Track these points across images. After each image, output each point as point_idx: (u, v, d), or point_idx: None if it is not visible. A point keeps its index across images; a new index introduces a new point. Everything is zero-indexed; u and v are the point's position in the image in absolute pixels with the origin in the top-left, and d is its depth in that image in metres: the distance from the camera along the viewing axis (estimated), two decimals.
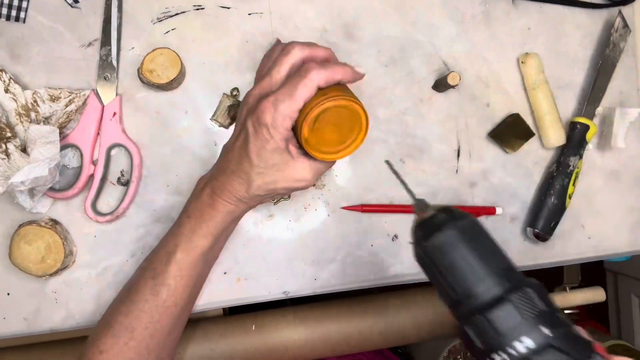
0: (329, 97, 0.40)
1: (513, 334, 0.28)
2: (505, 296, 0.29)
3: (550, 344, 0.28)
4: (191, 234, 0.45)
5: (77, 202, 0.52)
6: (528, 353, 0.28)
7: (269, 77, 0.42)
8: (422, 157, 0.57)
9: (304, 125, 0.41)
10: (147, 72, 0.50)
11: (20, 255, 0.49)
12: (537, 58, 0.57)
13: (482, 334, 0.29)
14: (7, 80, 0.49)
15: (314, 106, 0.40)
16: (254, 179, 0.43)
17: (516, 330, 0.28)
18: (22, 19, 0.51)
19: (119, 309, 0.45)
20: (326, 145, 0.43)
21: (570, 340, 0.28)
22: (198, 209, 0.45)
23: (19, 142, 0.49)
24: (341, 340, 0.63)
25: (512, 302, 0.29)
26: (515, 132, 0.57)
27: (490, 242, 0.32)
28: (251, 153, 0.42)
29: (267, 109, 0.40)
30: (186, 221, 0.45)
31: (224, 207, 0.44)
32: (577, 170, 0.57)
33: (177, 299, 0.45)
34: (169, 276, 0.44)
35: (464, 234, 0.31)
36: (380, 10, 0.56)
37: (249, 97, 0.43)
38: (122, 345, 0.44)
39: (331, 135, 0.43)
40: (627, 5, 0.61)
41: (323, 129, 0.42)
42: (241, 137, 0.43)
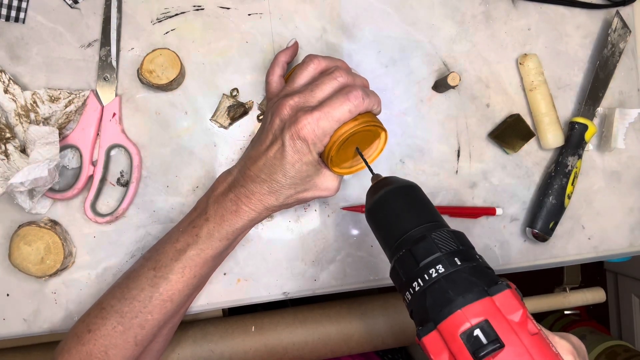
0: (360, 122, 0.42)
1: (430, 264, 0.32)
2: (427, 234, 0.34)
3: (458, 270, 0.31)
4: (207, 236, 0.44)
5: (77, 203, 0.52)
6: (438, 276, 0.31)
7: (309, 92, 0.43)
8: (422, 157, 0.57)
9: (334, 146, 0.42)
10: (146, 72, 0.50)
11: (19, 256, 0.49)
12: (535, 59, 0.57)
13: (405, 266, 0.34)
14: (7, 80, 0.49)
15: (347, 130, 0.42)
16: (287, 189, 0.43)
17: (433, 261, 0.32)
18: (22, 19, 0.51)
19: (113, 293, 0.45)
20: (345, 161, 0.46)
21: (479, 271, 0.32)
22: (219, 214, 0.44)
23: (18, 142, 0.49)
24: (341, 342, 0.63)
25: (432, 239, 0.33)
26: (516, 133, 0.57)
27: (424, 202, 0.38)
28: (287, 165, 0.42)
29: (309, 124, 0.41)
30: (204, 224, 0.45)
31: (248, 215, 0.44)
32: (576, 170, 0.57)
33: (174, 295, 0.44)
34: (172, 271, 0.44)
35: (401, 192, 0.38)
36: (380, 10, 0.56)
37: (282, 107, 0.43)
38: (110, 328, 0.43)
39: (350, 152, 0.46)
40: (627, 5, 0.61)
41: (346, 148, 0.44)
42: (275, 147, 0.43)
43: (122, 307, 0.44)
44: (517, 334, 0.29)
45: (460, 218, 0.57)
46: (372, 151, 0.47)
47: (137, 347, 0.44)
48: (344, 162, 0.46)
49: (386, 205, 0.37)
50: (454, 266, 0.32)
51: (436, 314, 0.30)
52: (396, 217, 0.36)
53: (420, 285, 0.32)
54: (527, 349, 0.28)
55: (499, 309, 0.29)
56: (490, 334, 0.28)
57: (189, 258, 0.44)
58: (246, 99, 0.54)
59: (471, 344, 0.28)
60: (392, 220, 0.36)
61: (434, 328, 0.30)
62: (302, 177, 0.43)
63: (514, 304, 0.30)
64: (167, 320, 0.46)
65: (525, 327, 0.29)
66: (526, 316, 0.30)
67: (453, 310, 0.29)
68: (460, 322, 0.29)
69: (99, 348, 0.43)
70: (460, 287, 0.30)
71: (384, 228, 0.37)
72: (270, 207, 0.44)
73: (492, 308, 0.29)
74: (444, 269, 0.31)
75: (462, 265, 0.32)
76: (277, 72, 0.49)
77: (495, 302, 0.30)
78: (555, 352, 0.30)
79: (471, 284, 0.30)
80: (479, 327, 0.29)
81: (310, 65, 0.45)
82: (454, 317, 0.29)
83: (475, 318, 0.29)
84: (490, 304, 0.30)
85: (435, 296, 0.31)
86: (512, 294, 0.30)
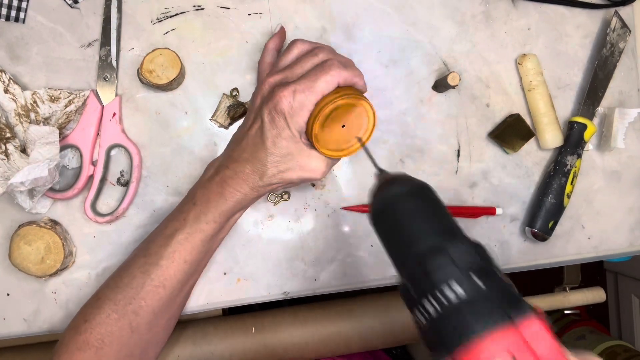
0: (342, 95, 0.41)
1: (446, 282, 0.28)
2: (441, 246, 0.30)
3: (479, 291, 0.28)
4: (195, 220, 0.44)
5: (77, 203, 0.52)
6: (456, 298, 0.28)
7: (289, 70, 0.43)
8: (422, 157, 0.57)
9: (316, 121, 0.41)
10: (146, 72, 0.50)
11: (19, 256, 0.49)
12: (534, 59, 0.57)
13: (418, 283, 0.30)
14: (7, 80, 0.49)
15: (327, 103, 0.41)
16: (269, 167, 0.43)
17: (450, 279, 0.28)
18: (22, 19, 0.51)
19: (108, 283, 0.46)
20: (333, 143, 0.44)
21: (501, 292, 0.28)
22: (205, 198, 0.45)
23: (18, 142, 0.49)
24: (341, 342, 0.63)
25: (447, 252, 0.29)
26: (516, 133, 0.57)
27: (437, 205, 0.33)
28: (267, 141, 0.42)
29: (285, 97, 0.41)
30: (191, 208, 0.45)
31: (234, 195, 0.44)
32: (575, 169, 0.57)
33: (166, 281, 0.44)
34: (162, 257, 0.44)
35: (413, 194, 0.33)
36: (380, 10, 0.56)
37: (262, 85, 0.44)
38: (105, 316, 0.43)
39: (338, 133, 0.44)
40: (627, 5, 0.61)
41: (332, 127, 0.43)
42: (256, 126, 0.43)
43: (116, 295, 0.44)
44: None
45: (460, 218, 0.57)
46: (362, 132, 0.45)
47: (134, 334, 0.44)
48: (332, 143, 0.44)
49: (396, 211, 0.33)
50: (473, 286, 0.28)
51: (451, 342, 0.27)
52: (407, 224, 0.32)
53: (433, 306, 0.28)
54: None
55: (527, 342, 0.26)
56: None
57: (177, 243, 0.44)
58: (246, 99, 0.54)
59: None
60: (402, 228, 0.32)
61: (445, 355, 0.27)
62: (283, 155, 0.43)
63: (544, 337, 0.26)
64: (163, 309, 0.46)
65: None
66: (558, 350, 0.26)
67: (472, 340, 0.26)
68: (479, 353, 0.26)
69: (95, 336, 0.43)
70: (481, 311, 0.27)
71: (392, 236, 0.33)
72: (255, 186, 0.44)
73: (517, 340, 0.26)
74: (462, 290, 0.28)
75: (483, 284, 0.28)
76: (266, 60, 0.50)
77: (522, 333, 0.26)
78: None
79: (493, 308, 0.27)
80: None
81: (294, 48, 0.45)
82: (472, 346, 0.26)
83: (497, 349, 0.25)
84: (514, 334, 0.26)
85: (451, 321, 0.27)
86: (541, 324, 0.27)
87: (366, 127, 0.45)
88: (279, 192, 0.55)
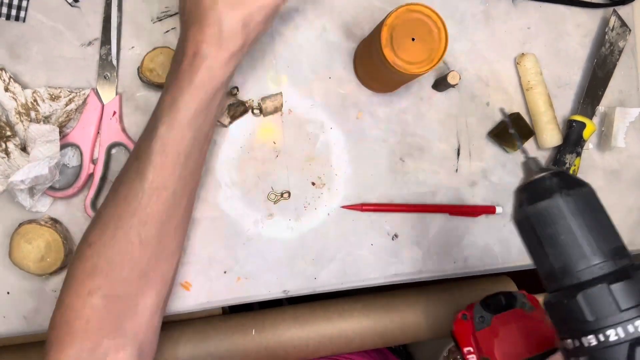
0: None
1: (606, 323, 0.25)
2: (604, 282, 0.26)
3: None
4: (171, 105, 0.41)
5: (77, 201, 0.52)
6: (618, 340, 0.25)
7: None
8: (422, 156, 0.57)
9: None
10: (147, 71, 0.50)
11: (20, 254, 0.49)
12: (532, 58, 0.57)
13: (598, 305, 0.26)
14: (7, 79, 0.49)
15: None
16: (222, 12, 0.39)
17: (610, 321, 0.25)
18: (22, 18, 0.51)
19: (107, 202, 0.43)
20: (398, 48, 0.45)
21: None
22: (174, 79, 0.41)
23: (18, 141, 0.49)
24: (342, 342, 0.63)
25: (610, 291, 0.26)
26: (516, 131, 0.57)
27: (602, 216, 0.29)
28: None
29: None
30: (165, 98, 0.41)
31: (203, 62, 0.40)
32: (574, 167, 0.57)
33: (166, 181, 0.41)
34: (152, 152, 0.40)
35: (574, 204, 0.28)
36: (380, 9, 0.56)
37: None
38: (111, 235, 0.40)
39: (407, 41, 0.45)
40: (626, 5, 0.61)
41: (396, 36, 0.44)
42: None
43: (117, 209, 0.41)
44: None
45: (460, 217, 0.57)
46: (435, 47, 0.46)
47: (143, 245, 0.41)
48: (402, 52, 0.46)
49: (557, 220, 0.27)
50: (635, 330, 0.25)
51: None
52: (566, 240, 0.27)
53: (590, 344, 0.25)
54: None
55: None
56: None
57: (163, 134, 0.40)
58: (246, 98, 0.54)
59: None
60: (561, 243, 0.27)
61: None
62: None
63: None
64: (170, 213, 0.42)
65: None
66: None
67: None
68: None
69: (104, 259, 0.40)
70: None
71: (544, 247, 0.28)
72: (221, 45, 0.40)
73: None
74: (624, 336, 0.25)
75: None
76: None
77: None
78: None
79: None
80: None
81: None
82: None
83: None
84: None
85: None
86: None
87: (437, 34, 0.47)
88: (279, 192, 0.55)
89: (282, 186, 0.55)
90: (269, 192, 0.55)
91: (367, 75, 0.54)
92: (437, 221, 0.57)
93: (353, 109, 0.56)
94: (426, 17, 0.46)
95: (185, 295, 0.53)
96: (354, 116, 0.56)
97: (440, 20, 0.46)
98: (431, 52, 0.46)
